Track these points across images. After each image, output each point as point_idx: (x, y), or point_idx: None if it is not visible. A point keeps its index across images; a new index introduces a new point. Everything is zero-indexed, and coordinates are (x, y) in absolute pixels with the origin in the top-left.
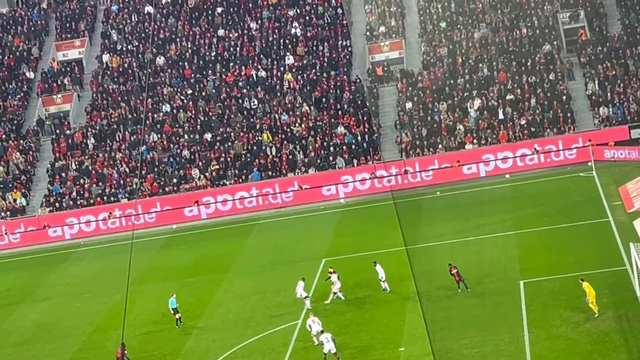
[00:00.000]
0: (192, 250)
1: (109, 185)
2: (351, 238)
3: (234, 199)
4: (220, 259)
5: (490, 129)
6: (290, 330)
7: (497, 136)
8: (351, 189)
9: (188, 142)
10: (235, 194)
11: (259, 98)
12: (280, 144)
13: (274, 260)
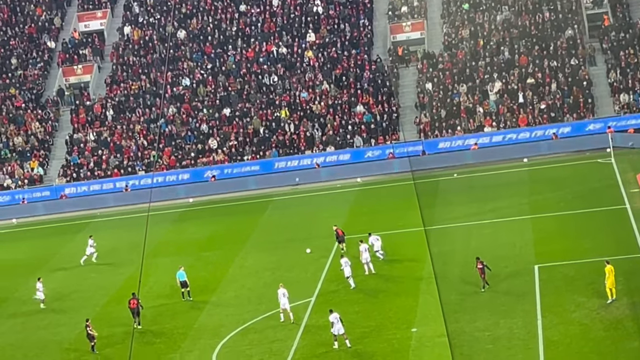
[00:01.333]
0: (207, 225)
1: (127, 157)
2: (366, 217)
3: (251, 175)
4: (235, 235)
5: (510, 112)
6: (303, 308)
7: (516, 120)
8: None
9: (207, 116)
10: (252, 169)
11: (279, 75)
12: (298, 121)
13: (288, 237)
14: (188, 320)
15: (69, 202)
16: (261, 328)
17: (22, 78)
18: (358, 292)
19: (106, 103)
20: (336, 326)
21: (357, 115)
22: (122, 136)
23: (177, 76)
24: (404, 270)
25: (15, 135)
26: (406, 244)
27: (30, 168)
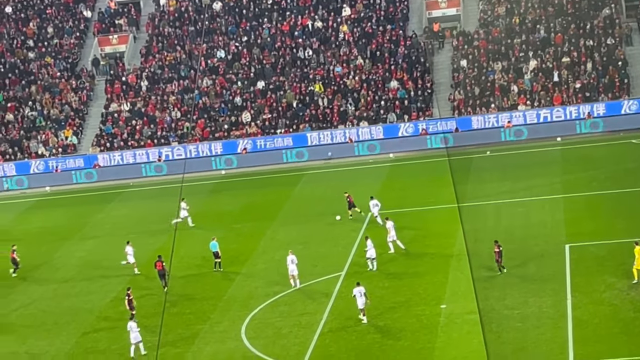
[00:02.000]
0: (240, 197)
1: (160, 128)
2: (398, 193)
3: (284, 148)
4: (266, 207)
5: (545, 91)
6: (333, 281)
7: (551, 98)
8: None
9: (241, 89)
10: (285, 143)
11: (314, 49)
12: (332, 95)
13: (320, 211)
14: (218, 291)
15: (102, 171)
16: (291, 301)
17: (58, 47)
18: (388, 268)
19: (141, 73)
20: (360, 299)
21: (391, 91)
22: (156, 107)
23: (212, 48)
24: (435, 247)
25: (50, 105)
26: (437, 220)
27: (64, 137)
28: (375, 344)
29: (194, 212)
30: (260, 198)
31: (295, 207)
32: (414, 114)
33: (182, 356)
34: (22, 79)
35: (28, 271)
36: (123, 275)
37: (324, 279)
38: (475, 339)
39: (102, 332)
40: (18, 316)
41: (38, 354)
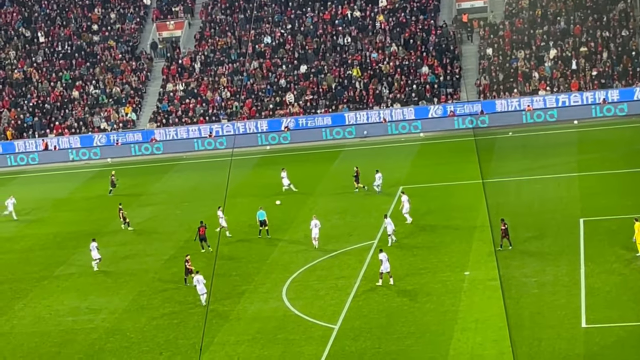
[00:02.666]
0: None
1: (212, 107)
2: (427, 169)
3: (324, 126)
4: (307, 180)
5: (563, 77)
6: (367, 249)
7: (569, 85)
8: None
9: (285, 72)
10: (325, 122)
11: (352, 36)
12: (368, 79)
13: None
14: (262, 255)
15: (158, 145)
16: (328, 266)
17: (120, 31)
18: (417, 237)
19: (195, 56)
20: (385, 264)
21: (422, 76)
22: (208, 87)
23: (260, 34)
24: (460, 219)
25: (112, 84)
26: (462, 194)
27: (124, 113)
28: (404, 306)
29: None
30: (301, 172)
31: (333, 180)
32: (442, 97)
33: (229, 313)
34: (87, 60)
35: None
36: (175, 240)
37: (358, 247)
38: (496, 303)
39: (157, 291)
40: (80, 275)
41: (98, 309)
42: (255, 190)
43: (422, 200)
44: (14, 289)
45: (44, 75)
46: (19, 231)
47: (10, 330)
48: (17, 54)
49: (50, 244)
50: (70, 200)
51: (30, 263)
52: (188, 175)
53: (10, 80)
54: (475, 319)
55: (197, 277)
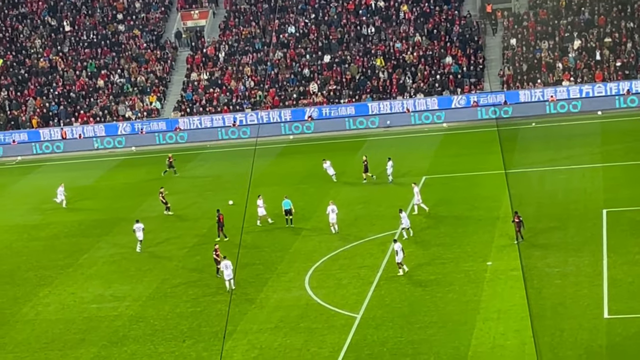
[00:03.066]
0: (306, 160)
1: (235, 96)
2: (450, 159)
3: (347, 116)
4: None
5: (587, 68)
6: (389, 238)
7: (593, 75)
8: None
9: (309, 62)
10: (348, 111)
11: (376, 26)
12: (392, 69)
13: (379, 174)
14: (285, 245)
15: (182, 134)
16: (350, 255)
17: (145, 21)
18: (439, 227)
19: (219, 46)
20: (399, 255)
21: (446, 66)
22: (232, 77)
23: (284, 24)
24: (483, 209)
25: (136, 73)
26: (485, 185)
27: (149, 102)
28: (427, 296)
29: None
30: None
31: (356, 170)
32: (466, 88)
33: (252, 302)
34: (112, 49)
35: (114, 223)
36: (200, 228)
37: (380, 236)
38: (518, 293)
39: (180, 279)
40: (104, 263)
41: (122, 296)
42: (279, 179)
43: (445, 190)
44: (39, 276)
45: (70, 64)
46: (44, 219)
47: (35, 317)
48: (42, 43)
49: (75, 231)
50: (95, 189)
51: (56, 250)
52: (212, 164)
53: (36, 69)
54: (497, 309)
55: (225, 262)
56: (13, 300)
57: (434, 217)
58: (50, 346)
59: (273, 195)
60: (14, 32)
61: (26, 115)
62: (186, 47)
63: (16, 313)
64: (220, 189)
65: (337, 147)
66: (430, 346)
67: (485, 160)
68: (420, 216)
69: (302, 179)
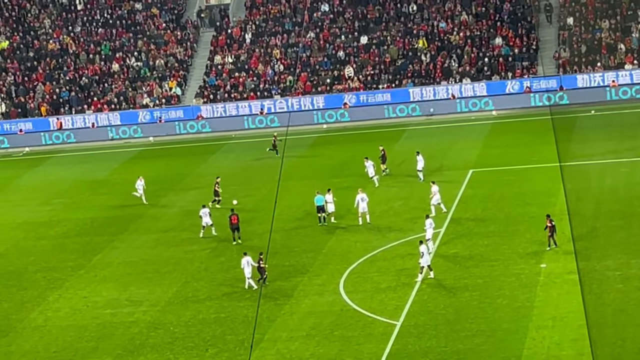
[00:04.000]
0: (341, 152)
1: (263, 81)
2: (500, 150)
3: (386, 103)
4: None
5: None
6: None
7: None
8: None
9: (344, 43)
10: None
11: (418, 4)
12: (435, 51)
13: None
14: (317, 244)
15: (205, 123)
16: (390, 256)
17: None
18: (488, 226)
19: (245, 26)
20: (425, 257)
21: (496, 48)
22: (260, 60)
23: (317, 1)
24: (536, 205)
25: (155, 56)
26: (539, 179)
27: (168, 88)
28: (473, 301)
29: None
30: (361, 153)
31: (395, 163)
32: (517, 72)
33: (281, 308)
34: (128, 30)
35: (131, 220)
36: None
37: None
38: (575, 299)
39: (202, 281)
40: (120, 264)
41: (138, 301)
42: (311, 173)
43: (494, 185)
44: (48, 278)
45: (82, 47)
46: (53, 215)
47: (44, 323)
48: (52, 23)
49: (87, 229)
50: (109, 182)
51: (66, 250)
52: (237, 156)
53: (45, 52)
54: (552, 316)
55: (246, 258)
56: (20, 305)
57: (481, 215)
58: (60, 355)
59: (305, 190)
60: (21, 11)
61: (35, 102)
62: (209, 28)
63: (23, 319)
64: (247, 184)
65: (374, 137)
66: (477, 357)
67: (538, 152)
68: (466, 213)
69: (336, 173)
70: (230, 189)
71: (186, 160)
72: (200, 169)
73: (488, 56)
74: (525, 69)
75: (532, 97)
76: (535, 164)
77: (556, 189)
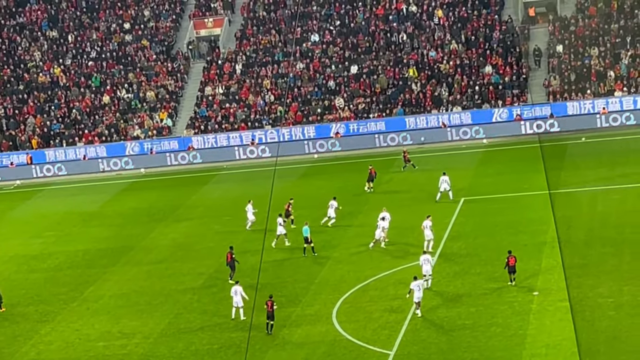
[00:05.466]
0: (332, 181)
1: (254, 112)
2: (491, 179)
3: (377, 132)
4: (358, 192)
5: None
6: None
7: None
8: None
9: (334, 73)
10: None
11: (408, 33)
12: (426, 80)
13: (412, 196)
14: (309, 275)
15: (196, 154)
16: (382, 285)
17: (154, 30)
18: (480, 253)
19: (235, 57)
20: (417, 293)
21: (486, 76)
22: (250, 90)
23: (307, 32)
24: (528, 233)
25: (145, 87)
26: (531, 207)
27: (159, 119)
28: (467, 330)
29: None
30: (352, 182)
31: (387, 191)
32: (508, 100)
33: (274, 338)
34: (119, 62)
35: (122, 252)
36: (214, 257)
37: (415, 264)
38: (568, 326)
39: (195, 313)
40: (112, 296)
41: (131, 333)
42: (302, 203)
43: (486, 213)
44: (40, 311)
45: (72, 79)
46: (45, 248)
47: (37, 356)
48: (42, 56)
49: (79, 262)
50: (101, 215)
51: (58, 283)
52: (228, 187)
53: (36, 84)
54: (545, 344)
55: (235, 287)
56: (12, 339)
57: (473, 243)
58: None
59: (298, 220)
60: (12, 44)
61: (25, 135)
62: (200, 59)
63: (15, 352)
64: (239, 214)
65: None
66: None
67: (530, 180)
68: (458, 242)
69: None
70: (222, 220)
71: (178, 192)
72: (192, 200)
73: (478, 84)
74: (515, 97)
75: (523, 124)
76: (526, 191)
77: (548, 216)
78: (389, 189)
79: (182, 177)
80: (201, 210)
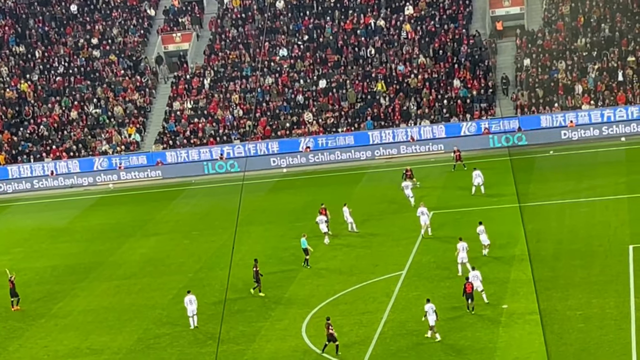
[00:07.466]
0: (301, 195)
1: (223, 126)
2: (460, 192)
3: (346, 146)
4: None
5: (609, 90)
6: (394, 281)
7: (615, 98)
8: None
9: (303, 87)
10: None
11: (376, 47)
12: (394, 94)
13: (382, 209)
14: (279, 289)
15: (165, 169)
16: (352, 299)
17: (122, 45)
18: (450, 267)
19: (204, 72)
20: (431, 317)
21: (454, 90)
22: (219, 105)
23: (275, 47)
24: (497, 247)
25: (113, 102)
26: (500, 220)
27: (127, 134)
28: (436, 343)
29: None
30: (323, 196)
31: (357, 205)
32: (476, 113)
33: (243, 353)
34: (86, 77)
35: (91, 268)
36: (184, 272)
37: (384, 278)
38: (537, 339)
39: (164, 328)
40: (81, 312)
41: (100, 349)
42: (271, 217)
43: (455, 226)
44: (8, 327)
45: (40, 95)
46: (13, 264)
47: None
48: (10, 71)
49: (47, 278)
50: (69, 230)
51: (26, 300)
52: (198, 202)
53: (3, 100)
54: (515, 357)
55: (189, 297)
56: None
57: (442, 257)
58: None
59: (265, 234)
60: None
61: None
62: (168, 74)
63: None
64: (208, 229)
65: (334, 180)
66: None
67: (499, 193)
68: (427, 256)
69: (298, 216)
70: (191, 235)
71: (146, 207)
72: (161, 214)
73: (447, 98)
74: (484, 110)
75: (491, 138)
76: (495, 205)
77: (517, 229)
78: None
79: (151, 192)
80: (170, 225)
